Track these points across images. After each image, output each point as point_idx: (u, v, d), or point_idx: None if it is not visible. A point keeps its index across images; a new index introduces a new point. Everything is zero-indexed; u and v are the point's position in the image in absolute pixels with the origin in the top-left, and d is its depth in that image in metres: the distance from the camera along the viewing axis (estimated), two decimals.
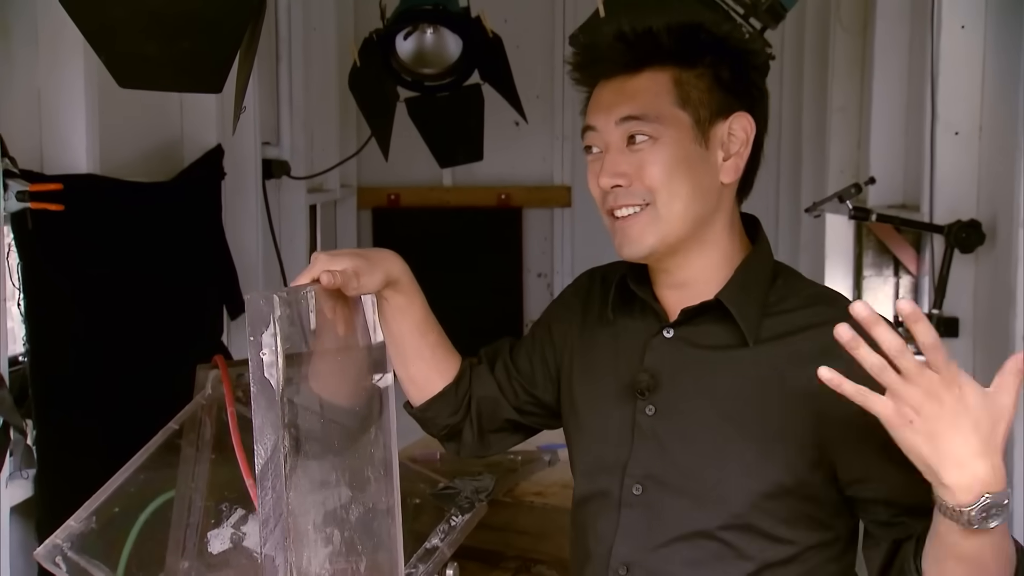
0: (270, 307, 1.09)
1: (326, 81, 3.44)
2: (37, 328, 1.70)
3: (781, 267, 1.35)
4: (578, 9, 3.67)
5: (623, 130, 1.27)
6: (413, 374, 1.45)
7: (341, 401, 1.27)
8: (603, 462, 1.34)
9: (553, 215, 4.03)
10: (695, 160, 1.26)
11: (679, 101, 1.26)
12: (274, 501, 1.08)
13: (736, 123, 1.28)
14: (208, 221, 2.34)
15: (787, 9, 2.01)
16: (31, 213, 1.64)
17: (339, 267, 1.24)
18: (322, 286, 1.22)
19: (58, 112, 1.82)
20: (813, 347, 1.21)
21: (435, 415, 1.48)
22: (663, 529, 1.27)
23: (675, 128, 1.25)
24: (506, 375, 1.50)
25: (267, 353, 1.08)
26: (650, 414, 1.30)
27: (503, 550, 2.07)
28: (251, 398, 1.08)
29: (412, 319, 1.41)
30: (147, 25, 1.31)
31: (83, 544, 1.46)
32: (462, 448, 1.52)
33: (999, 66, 2.22)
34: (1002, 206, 2.16)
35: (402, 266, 1.38)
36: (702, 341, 1.29)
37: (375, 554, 1.25)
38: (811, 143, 3.58)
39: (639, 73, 1.27)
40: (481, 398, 1.49)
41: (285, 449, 1.08)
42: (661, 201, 1.25)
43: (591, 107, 1.32)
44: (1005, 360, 1.06)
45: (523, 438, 1.57)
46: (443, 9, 2.69)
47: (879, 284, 3.30)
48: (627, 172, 1.26)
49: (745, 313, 1.27)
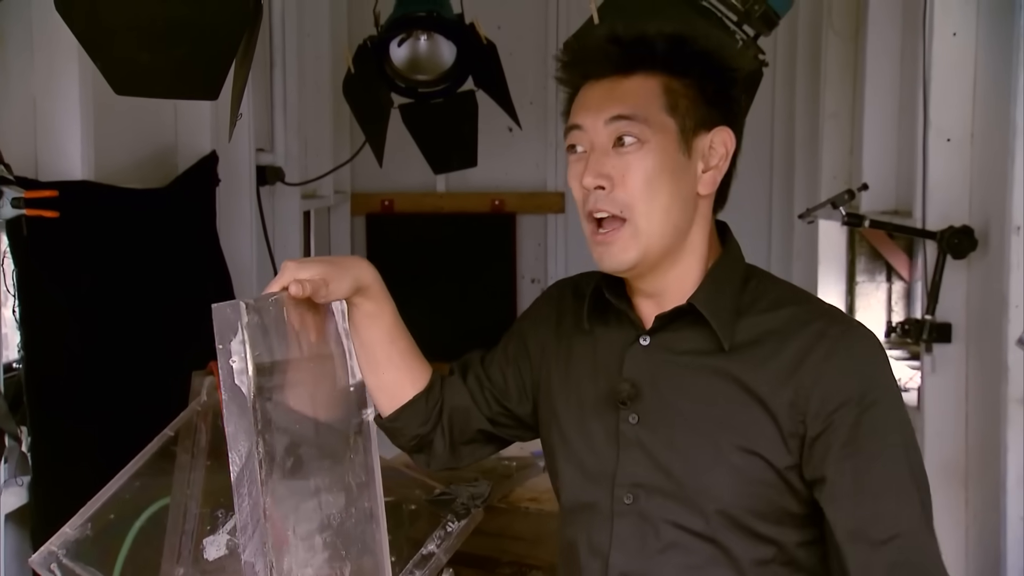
0: (237, 314, 1.10)
1: (320, 87, 3.44)
2: (32, 335, 1.70)
3: (754, 270, 1.36)
4: (571, 16, 3.68)
5: (611, 130, 1.26)
6: (384, 382, 1.42)
7: (316, 408, 1.27)
8: (589, 473, 1.34)
9: (547, 221, 4.03)
10: (677, 169, 1.26)
11: (668, 107, 1.26)
12: (251, 507, 1.08)
13: (718, 137, 1.29)
14: (202, 227, 2.34)
15: (780, 16, 2.02)
16: (26, 220, 1.64)
17: (308, 275, 1.24)
18: (291, 295, 1.22)
19: (53, 119, 1.82)
20: (786, 348, 1.23)
21: (405, 424, 1.45)
22: (657, 536, 1.28)
23: (662, 134, 1.25)
24: (479, 386, 1.48)
25: (236, 360, 1.08)
26: (633, 423, 1.30)
27: (498, 556, 2.07)
28: (223, 406, 1.08)
29: (382, 326, 1.39)
30: (143, 33, 1.32)
31: (78, 551, 1.46)
32: (432, 460, 1.49)
33: (991, 73, 2.23)
34: (994, 212, 2.17)
35: (372, 272, 1.37)
36: (679, 347, 1.30)
37: (360, 559, 1.25)
38: (804, 149, 3.59)
39: (630, 76, 1.27)
40: (454, 408, 1.46)
41: (260, 455, 1.08)
42: (639, 215, 1.25)
43: (578, 106, 1.31)
44: (997, 366, 1.05)
45: (495, 450, 1.55)
46: (437, 16, 2.70)
47: (872, 290, 3.31)
48: (611, 175, 1.25)
49: (718, 316, 1.28)
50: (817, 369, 1.22)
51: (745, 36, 1.98)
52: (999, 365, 2.06)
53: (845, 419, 1.20)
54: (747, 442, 1.23)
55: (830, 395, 1.21)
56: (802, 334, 1.25)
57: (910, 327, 2.37)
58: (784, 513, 1.25)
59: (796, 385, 1.22)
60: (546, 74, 3.96)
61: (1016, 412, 2.04)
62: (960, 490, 2.32)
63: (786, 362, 1.23)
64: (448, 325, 3.18)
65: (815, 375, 1.22)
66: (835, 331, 1.24)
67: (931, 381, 2.35)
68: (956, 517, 2.30)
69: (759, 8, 1.97)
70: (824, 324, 1.25)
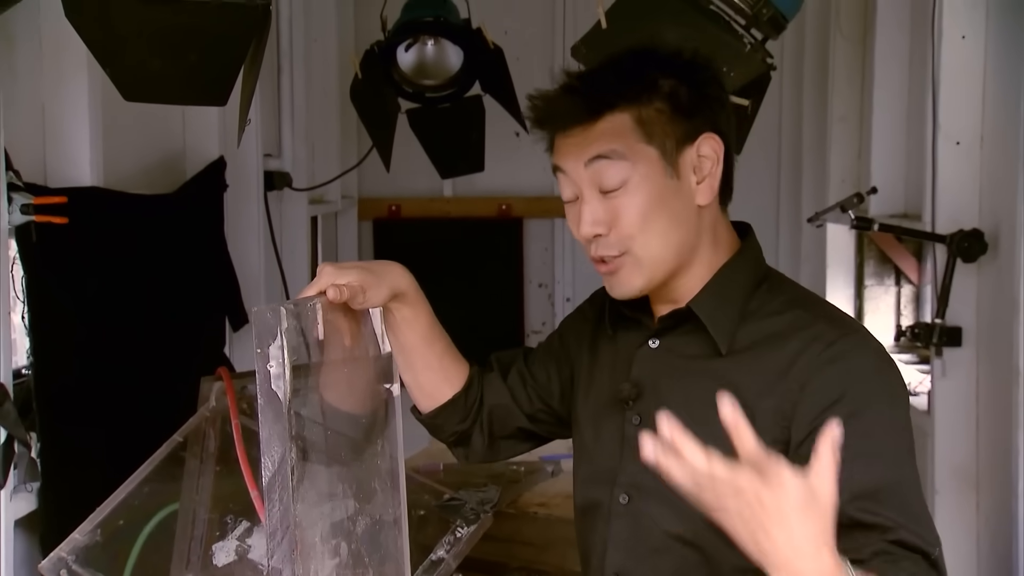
0: (277, 319, 1.10)
1: (327, 93, 3.44)
2: (41, 341, 1.71)
3: (770, 272, 1.35)
4: (579, 20, 3.68)
5: (593, 172, 1.26)
6: (422, 383, 1.47)
7: (347, 413, 1.27)
8: (596, 473, 1.37)
9: (554, 225, 4.03)
10: (668, 194, 1.26)
11: (644, 137, 1.26)
12: (281, 513, 1.08)
13: (704, 145, 1.28)
14: (210, 233, 2.34)
15: (788, 19, 2.01)
16: (35, 226, 1.65)
17: (345, 281, 1.24)
18: (328, 300, 1.22)
19: (62, 125, 1.82)
20: (781, 351, 1.23)
21: (444, 422, 1.50)
22: (647, 538, 1.29)
23: (644, 163, 1.25)
24: (521, 383, 1.51)
25: (274, 365, 1.09)
26: (636, 424, 1.32)
27: (507, 561, 2.07)
28: (258, 410, 1.08)
29: (419, 330, 1.41)
30: (152, 39, 1.32)
31: (87, 557, 1.46)
32: (471, 454, 1.53)
33: (1000, 76, 2.22)
34: (1004, 215, 2.16)
35: (408, 278, 1.38)
36: (683, 350, 1.32)
37: (382, 566, 1.25)
38: (812, 153, 3.58)
39: (599, 119, 1.27)
40: (494, 406, 1.50)
41: (292, 461, 1.08)
42: (638, 247, 1.26)
43: (557, 153, 1.32)
44: (1008, 370, 1.04)
45: (533, 446, 1.59)
46: (444, 21, 2.70)
47: (880, 294, 3.31)
48: (605, 220, 1.27)
49: (717, 321, 1.28)
50: (805, 374, 1.21)
51: (753, 40, 1.98)
52: (1010, 369, 2.05)
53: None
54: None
55: (815, 402, 1.19)
56: (799, 337, 1.24)
57: (920, 331, 2.36)
58: None
59: (784, 390, 1.21)
60: (553, 79, 3.94)
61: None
62: (971, 494, 2.30)
63: (779, 365, 1.23)
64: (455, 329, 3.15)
65: (802, 380, 1.21)
66: (831, 335, 1.23)
67: (941, 385, 2.34)
68: (967, 522, 2.29)
69: (767, 12, 1.96)
70: (823, 328, 1.24)
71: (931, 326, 2.30)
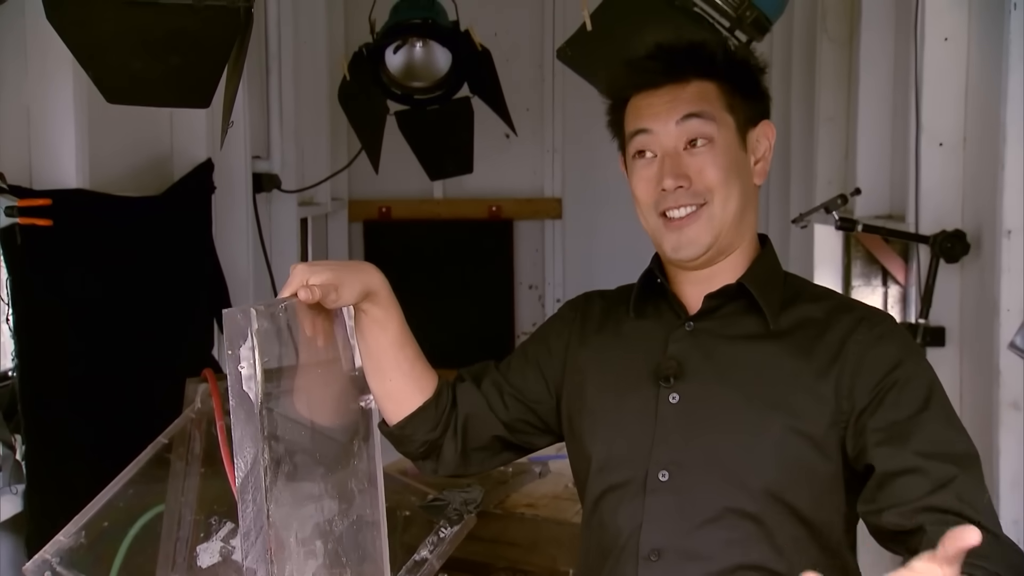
0: (247, 320, 1.10)
1: (316, 95, 3.45)
2: (26, 343, 1.71)
3: (786, 272, 1.45)
4: (567, 23, 3.68)
5: (683, 130, 1.34)
6: (391, 389, 1.43)
7: (324, 414, 1.27)
8: (622, 454, 1.37)
9: (544, 227, 4.04)
10: (740, 162, 1.37)
11: (727, 107, 1.36)
12: (255, 514, 1.08)
13: (762, 130, 1.40)
14: (198, 235, 2.35)
15: (772, 21, 2.03)
16: (20, 228, 1.65)
17: (318, 280, 1.24)
18: (300, 300, 1.23)
19: (47, 128, 1.82)
20: (830, 333, 1.32)
21: (414, 431, 1.46)
22: (695, 511, 1.30)
23: (726, 130, 1.36)
24: (496, 391, 1.49)
25: (245, 366, 1.09)
26: (674, 401, 1.34)
27: (493, 562, 2.08)
28: (230, 411, 1.08)
29: (390, 333, 1.40)
30: (135, 42, 1.33)
31: (72, 559, 1.46)
32: (440, 466, 1.50)
33: (982, 78, 2.23)
34: (986, 216, 2.18)
35: (381, 278, 1.38)
36: (724, 332, 1.37)
37: (361, 566, 1.25)
38: (800, 154, 3.59)
39: (688, 82, 1.36)
40: (469, 415, 1.48)
41: (265, 462, 1.08)
42: (718, 201, 1.34)
43: (640, 113, 1.38)
44: (990, 370, 1.06)
45: (503, 462, 1.57)
46: (432, 23, 2.71)
47: (868, 294, 3.30)
48: (688, 174, 1.34)
49: (767, 297, 1.35)
50: (860, 350, 1.30)
51: (737, 42, 1.99)
52: (992, 369, 2.06)
53: (890, 387, 1.26)
54: (795, 422, 1.29)
55: (876, 368, 1.28)
56: (842, 321, 1.34)
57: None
58: (824, 493, 1.30)
59: (838, 372, 1.29)
60: (542, 80, 3.97)
61: (1009, 416, 2.04)
62: None
63: (829, 350, 1.31)
64: (446, 331, 3.17)
65: (858, 355, 1.29)
66: (875, 319, 1.34)
67: None
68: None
69: (751, 14, 1.97)
70: (863, 312, 1.36)
71: (915, 326, 2.32)
